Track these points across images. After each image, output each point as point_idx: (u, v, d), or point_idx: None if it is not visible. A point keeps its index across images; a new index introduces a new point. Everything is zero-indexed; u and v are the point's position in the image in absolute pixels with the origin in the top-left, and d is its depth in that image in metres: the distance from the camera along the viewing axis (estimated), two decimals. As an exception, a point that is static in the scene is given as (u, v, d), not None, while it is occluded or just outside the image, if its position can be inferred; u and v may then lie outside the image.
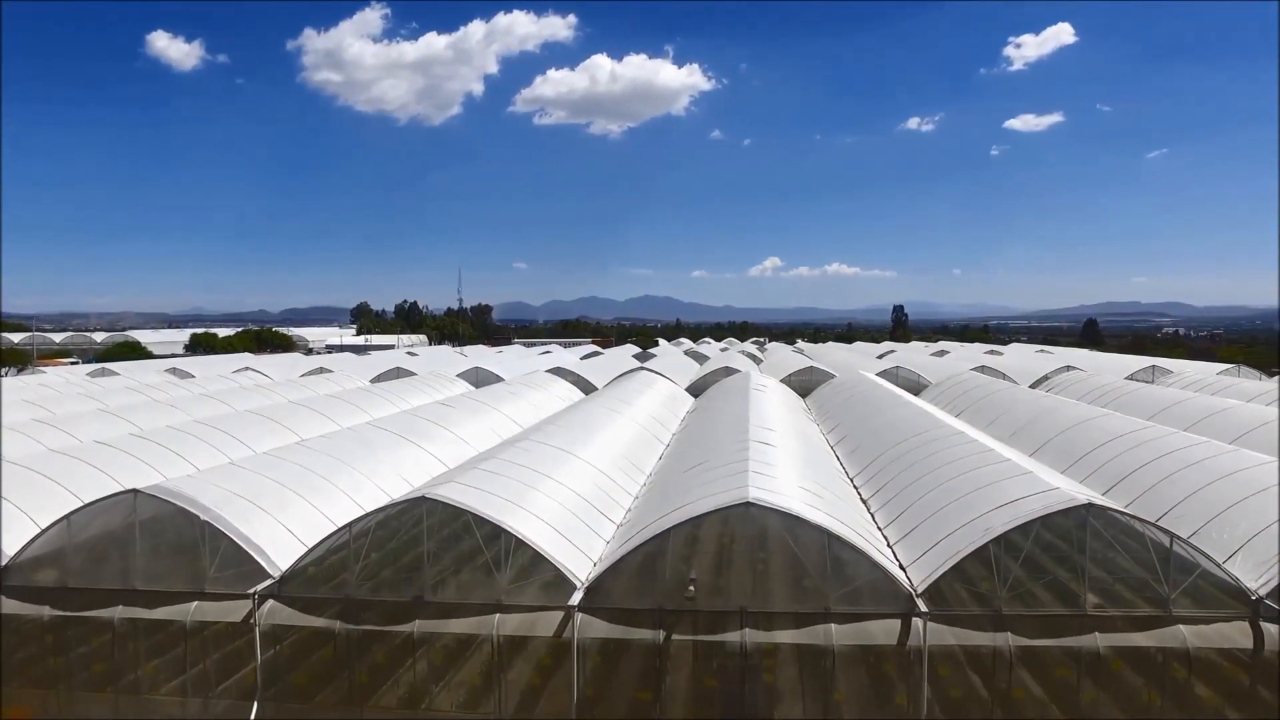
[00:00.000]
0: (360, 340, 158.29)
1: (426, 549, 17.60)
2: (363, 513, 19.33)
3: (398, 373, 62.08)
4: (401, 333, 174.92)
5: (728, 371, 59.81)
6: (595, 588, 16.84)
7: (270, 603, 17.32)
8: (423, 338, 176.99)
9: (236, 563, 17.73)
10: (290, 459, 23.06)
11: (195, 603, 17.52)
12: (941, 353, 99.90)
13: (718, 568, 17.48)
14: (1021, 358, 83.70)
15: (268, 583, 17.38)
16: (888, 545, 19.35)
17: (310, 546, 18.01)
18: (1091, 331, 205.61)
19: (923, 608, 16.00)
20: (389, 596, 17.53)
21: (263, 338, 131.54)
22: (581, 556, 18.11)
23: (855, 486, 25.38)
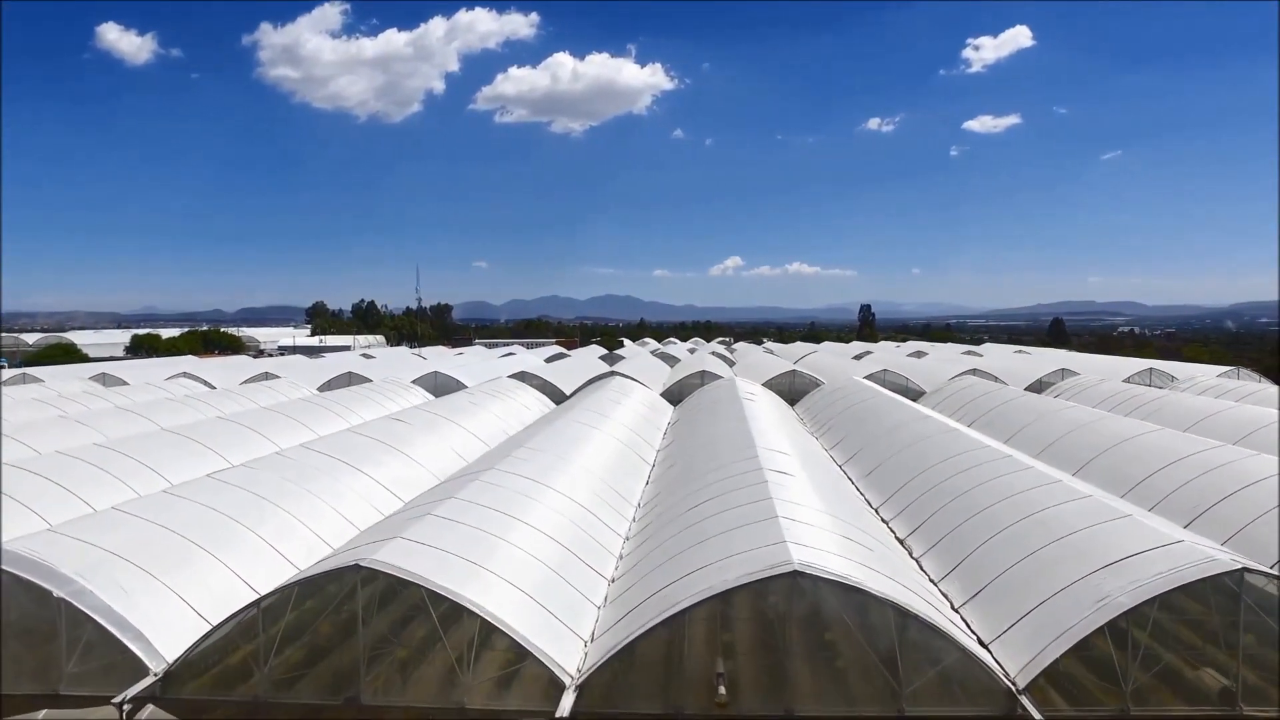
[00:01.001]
0: (314, 341, 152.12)
1: (362, 633, 13.26)
2: (294, 574, 15.01)
3: (349, 379, 57.25)
4: (358, 333, 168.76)
5: (704, 376, 55.79)
6: (590, 685, 12.59)
7: (149, 708, 12.87)
8: (380, 338, 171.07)
9: (105, 653, 13.26)
10: (199, 498, 18.48)
11: (43, 712, 13.01)
12: (919, 353, 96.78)
13: (754, 656, 13.32)
14: (1004, 359, 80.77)
15: (146, 681, 12.92)
16: (952, 609, 15.35)
17: (212, 627, 13.61)
18: (1057, 330, 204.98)
19: (1031, 711, 11.98)
20: (311, 697, 13.17)
21: (210, 339, 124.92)
22: (568, 636, 13.86)
23: (885, 522, 21.40)
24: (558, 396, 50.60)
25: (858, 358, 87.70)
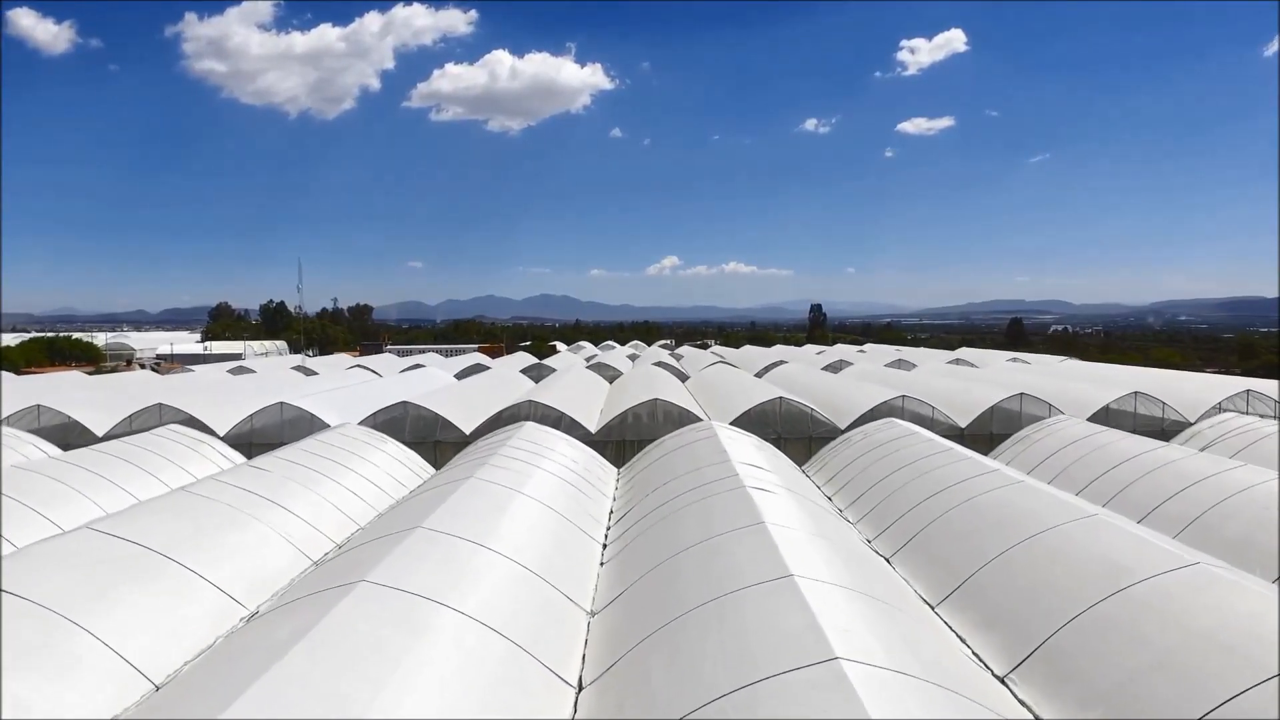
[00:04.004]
0: (200, 348, 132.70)
1: None
2: None
3: (159, 413, 40.31)
4: (252, 339, 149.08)
5: (658, 409, 40.44)
6: None
7: None
8: (281, 344, 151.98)
9: None
10: None
11: None
12: (901, 362, 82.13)
13: None
14: (1011, 371, 66.71)
15: None
16: None
17: None
18: (1016, 331, 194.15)
19: None
20: None
21: (58, 347, 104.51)
22: None
23: None
24: (450, 443, 35.20)
25: (834, 370, 73.13)
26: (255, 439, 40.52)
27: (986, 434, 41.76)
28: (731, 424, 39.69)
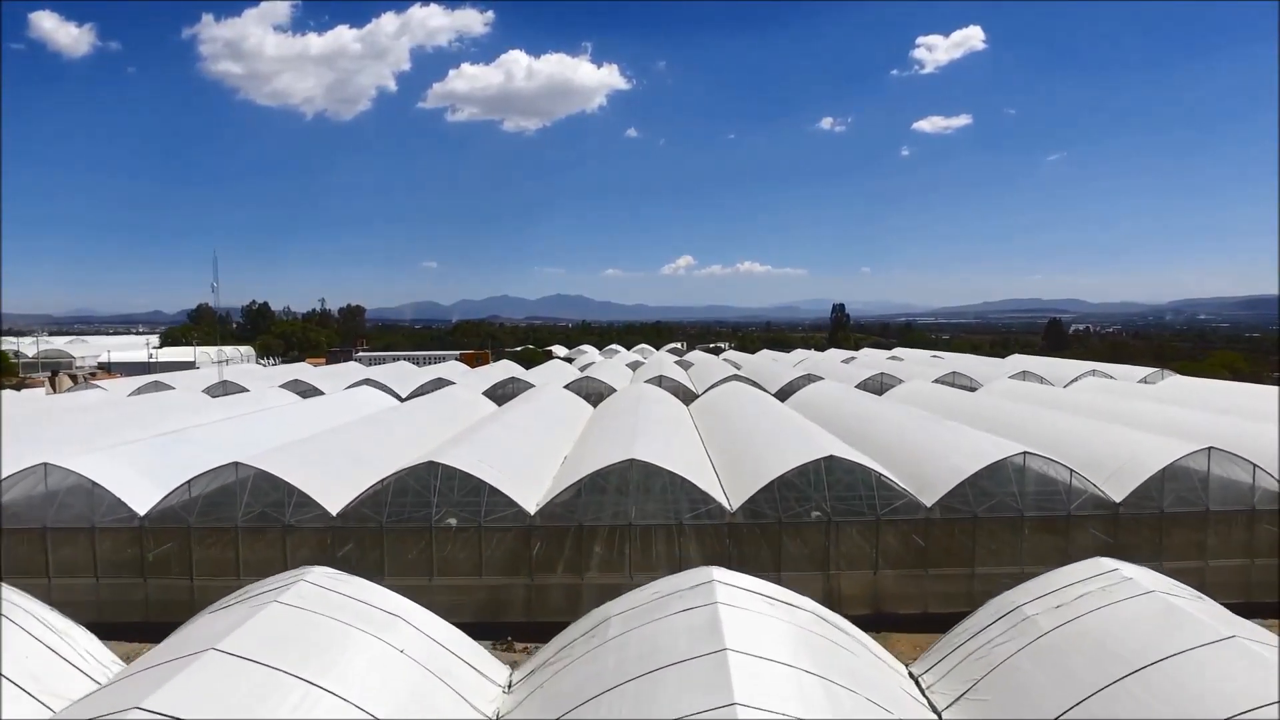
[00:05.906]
0: (167, 355, 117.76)
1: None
2: None
3: None
4: (200, 344, 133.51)
5: (633, 476, 25.71)
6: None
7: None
8: (248, 349, 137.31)
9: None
10: None
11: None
12: (954, 376, 66.20)
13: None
14: (1108, 394, 51.51)
15: None
16: None
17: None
18: (1054, 332, 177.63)
19: None
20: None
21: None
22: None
23: None
24: (308, 529, 20.73)
25: (875, 389, 57.88)
26: (6, 521, 26.24)
27: (1154, 512, 26.43)
28: (756, 496, 24.89)
